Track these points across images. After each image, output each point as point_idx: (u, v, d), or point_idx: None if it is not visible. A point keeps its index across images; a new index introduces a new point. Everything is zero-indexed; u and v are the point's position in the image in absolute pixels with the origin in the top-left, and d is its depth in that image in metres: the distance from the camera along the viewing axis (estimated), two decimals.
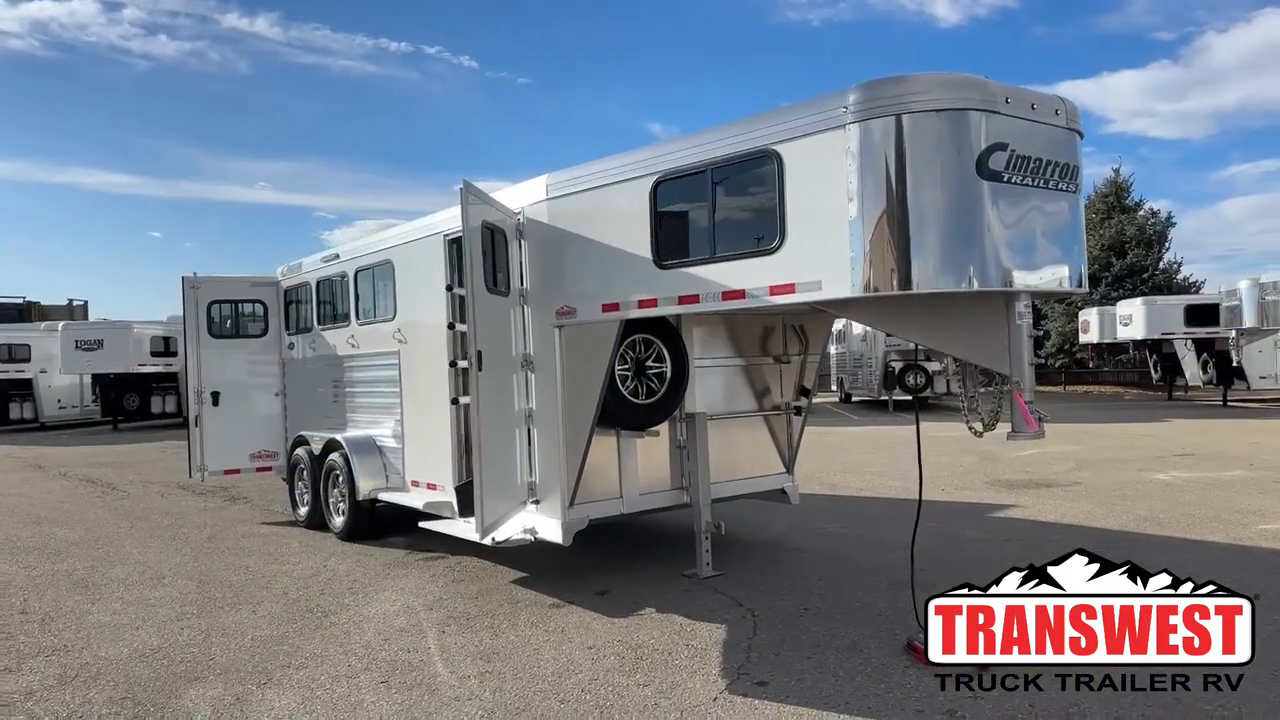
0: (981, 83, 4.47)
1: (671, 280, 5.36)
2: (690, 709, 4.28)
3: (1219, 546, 7.24)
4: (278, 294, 10.56)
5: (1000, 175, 4.44)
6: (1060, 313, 34.04)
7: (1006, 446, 15.09)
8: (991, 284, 4.46)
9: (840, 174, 4.54)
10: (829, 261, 4.58)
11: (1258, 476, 10.87)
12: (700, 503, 6.63)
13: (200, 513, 10.67)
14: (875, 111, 4.45)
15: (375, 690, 4.68)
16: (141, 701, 4.64)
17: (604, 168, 5.85)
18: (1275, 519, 8.18)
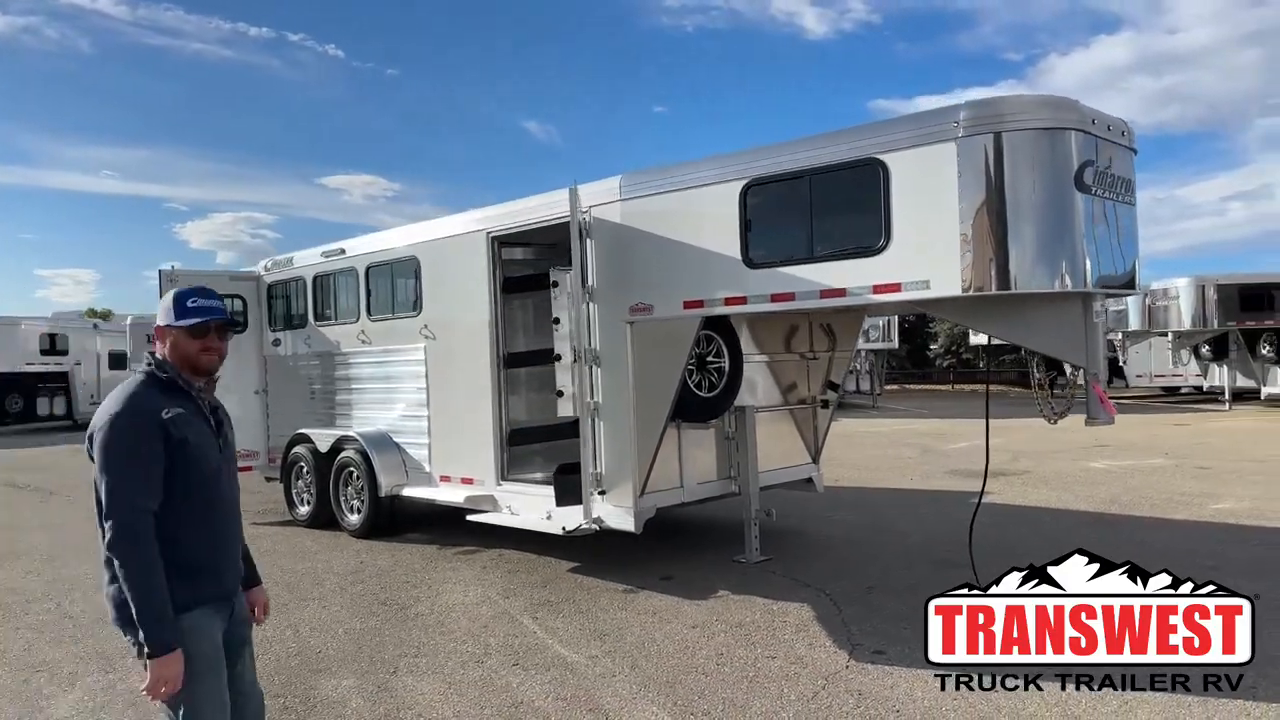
0: (1076, 104, 5.00)
1: (763, 279, 5.69)
2: (830, 677, 4.62)
3: (1190, 524, 8.10)
4: (258, 289, 10.31)
5: (1090, 188, 4.98)
6: None
7: (941, 440, 16.12)
8: (1079, 285, 4.98)
9: (947, 183, 4.97)
10: (937, 263, 5.01)
11: (1180, 464, 12.04)
12: (749, 491, 6.98)
13: None
14: (983, 127, 4.91)
15: (513, 672, 4.82)
16: (279, 694, 4.63)
17: (685, 171, 6.12)
18: (1224, 500, 9.17)
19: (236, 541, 2.81)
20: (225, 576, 2.73)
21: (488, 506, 7.44)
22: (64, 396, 25.79)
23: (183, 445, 2.54)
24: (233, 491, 2.78)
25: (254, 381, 10.35)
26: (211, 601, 2.64)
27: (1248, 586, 5.53)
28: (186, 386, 2.66)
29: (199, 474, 2.59)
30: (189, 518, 2.57)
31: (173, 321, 2.67)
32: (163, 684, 2.46)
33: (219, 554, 2.68)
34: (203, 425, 2.66)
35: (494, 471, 7.42)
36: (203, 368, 2.70)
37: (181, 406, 2.60)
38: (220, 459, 2.70)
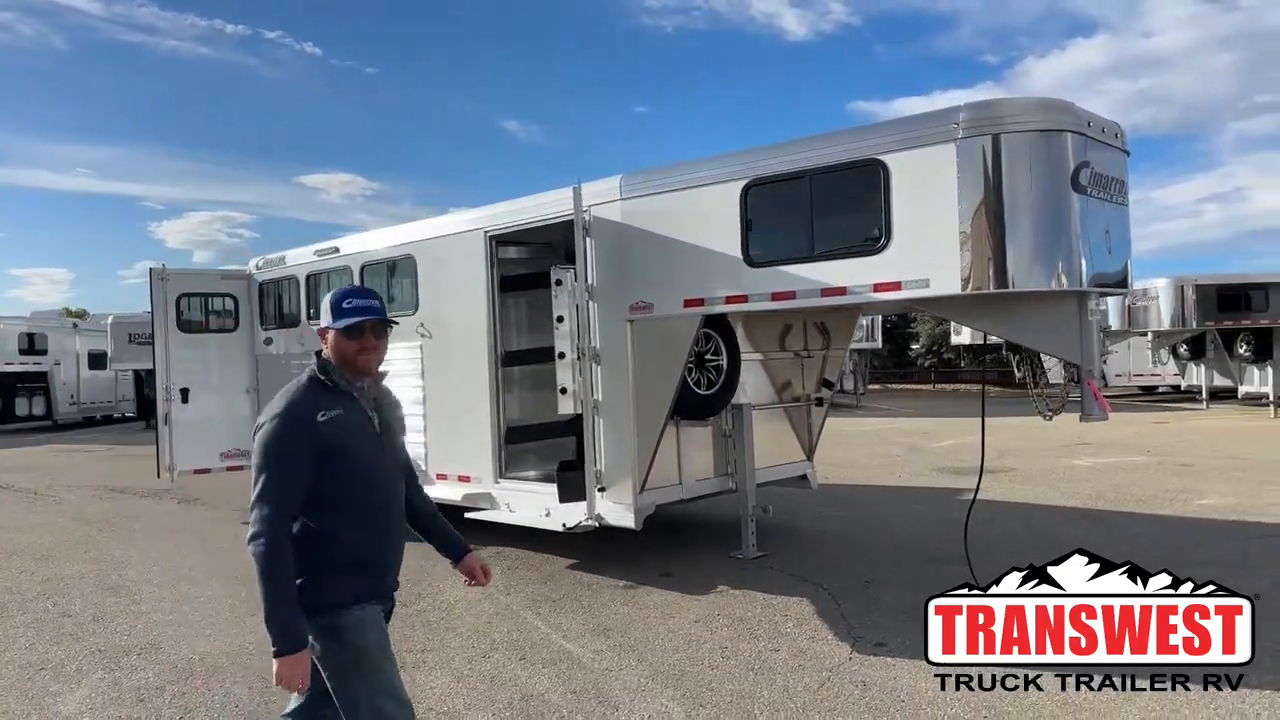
0: (1071, 107, 5.11)
1: (764, 277, 5.76)
2: (834, 668, 4.70)
3: (1177, 520, 8.25)
4: (249, 288, 10.29)
5: (1085, 189, 5.09)
6: (929, 316, 36.33)
7: (926, 438, 16.28)
8: (1074, 284, 5.09)
9: (946, 183, 5.06)
10: (936, 262, 5.10)
11: (1161, 461, 12.24)
12: (746, 488, 7.06)
13: (162, 515, 10.25)
14: (982, 129, 5.01)
15: (520, 666, 4.87)
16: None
17: (686, 171, 6.19)
18: (1207, 495, 9.34)
19: (400, 537, 2.80)
20: (389, 575, 2.76)
21: (485, 504, 7.48)
22: (43, 397, 25.52)
23: (340, 450, 2.57)
24: (395, 486, 2.79)
25: (245, 381, 10.32)
26: (375, 598, 2.67)
27: (1238, 580, 5.66)
28: (348, 387, 2.68)
29: (358, 474, 2.61)
30: (350, 516, 2.61)
31: (330, 323, 2.70)
32: (287, 681, 2.50)
33: (382, 550, 2.71)
34: (363, 424, 2.68)
35: (492, 469, 7.46)
36: (361, 368, 2.71)
37: (341, 407, 2.62)
38: (383, 456, 2.72)
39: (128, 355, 23.96)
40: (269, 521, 2.48)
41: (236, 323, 10.30)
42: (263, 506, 2.49)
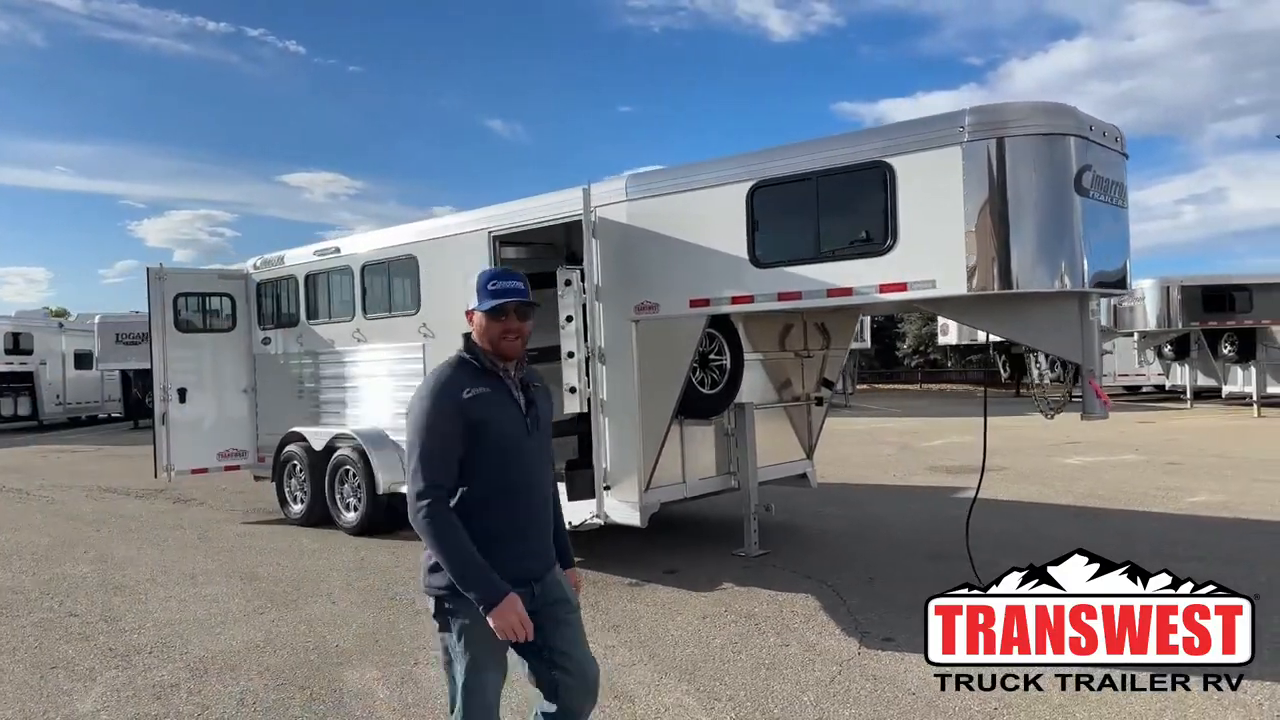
0: (1074, 111, 5.21)
1: (770, 278, 5.83)
2: (844, 663, 4.77)
3: (1169, 517, 8.39)
4: (247, 287, 10.29)
5: (1087, 192, 5.19)
6: (916, 318, 36.58)
7: (916, 437, 16.42)
8: (1077, 285, 5.18)
9: (952, 186, 5.15)
10: (943, 263, 5.18)
11: (1150, 460, 12.40)
12: (749, 486, 7.13)
13: (159, 515, 10.23)
14: (987, 132, 5.09)
15: None
16: (305, 685, 4.69)
17: (692, 173, 6.26)
18: (1198, 493, 9.49)
19: (543, 521, 2.77)
20: (528, 557, 2.70)
21: None
22: (29, 397, 25.36)
23: (482, 425, 2.58)
24: (541, 471, 2.76)
25: (242, 380, 10.32)
26: (511, 581, 2.60)
27: (1237, 576, 5.79)
28: (492, 367, 2.68)
29: (500, 453, 2.62)
30: (490, 496, 2.61)
31: (476, 305, 2.72)
32: (509, 631, 2.53)
33: (521, 532, 2.68)
34: (509, 405, 2.67)
35: None
36: (505, 350, 2.69)
37: (486, 387, 2.63)
38: (527, 439, 2.69)
39: (115, 355, 23.85)
40: (426, 492, 2.54)
41: (234, 322, 10.30)
42: (418, 481, 2.56)
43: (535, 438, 2.72)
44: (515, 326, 2.69)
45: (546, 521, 2.79)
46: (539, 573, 2.73)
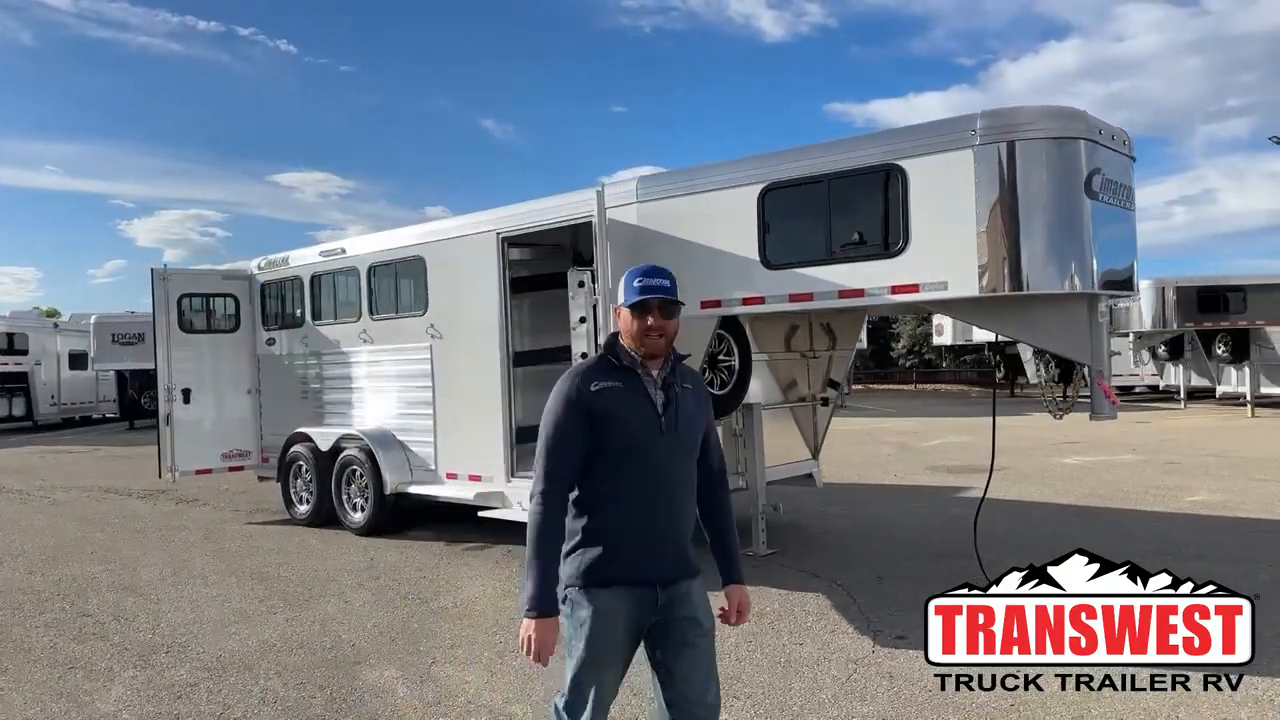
0: (1085, 115, 5.27)
1: (781, 279, 5.88)
2: (859, 661, 4.83)
3: (1171, 516, 8.47)
4: (251, 288, 10.30)
5: (1097, 195, 5.25)
6: (911, 318, 36.72)
7: (915, 438, 16.50)
8: (1087, 286, 5.26)
9: (964, 189, 5.21)
10: (954, 265, 5.24)
11: (1149, 459, 12.50)
12: (757, 486, 7.18)
13: (163, 515, 10.23)
14: (999, 136, 5.16)
15: (552, 661, 4.94)
16: (324, 685, 4.72)
17: (702, 175, 6.31)
18: (1198, 492, 9.58)
19: (676, 526, 2.65)
20: (646, 561, 2.59)
21: (497, 503, 7.54)
22: (24, 397, 25.30)
23: (606, 420, 2.54)
24: (676, 473, 2.63)
25: (246, 381, 10.32)
26: (626, 584, 2.57)
27: (1239, 575, 5.85)
28: (629, 364, 2.63)
29: (625, 451, 2.56)
30: (610, 493, 2.57)
31: (621, 301, 2.67)
32: (526, 645, 2.54)
33: (640, 534, 2.58)
34: (641, 403, 2.59)
35: (504, 468, 7.53)
36: (648, 348, 2.62)
37: (618, 382, 2.59)
38: (659, 438, 2.58)
39: (111, 356, 23.78)
40: (540, 485, 2.55)
41: (238, 323, 10.31)
42: (537, 470, 2.57)
43: (670, 439, 2.60)
44: (658, 324, 2.61)
45: (681, 527, 2.67)
46: (666, 580, 2.63)
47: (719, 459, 2.84)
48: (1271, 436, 15.25)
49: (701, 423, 2.73)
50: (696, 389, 2.75)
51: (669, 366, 2.67)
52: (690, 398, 2.69)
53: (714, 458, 2.81)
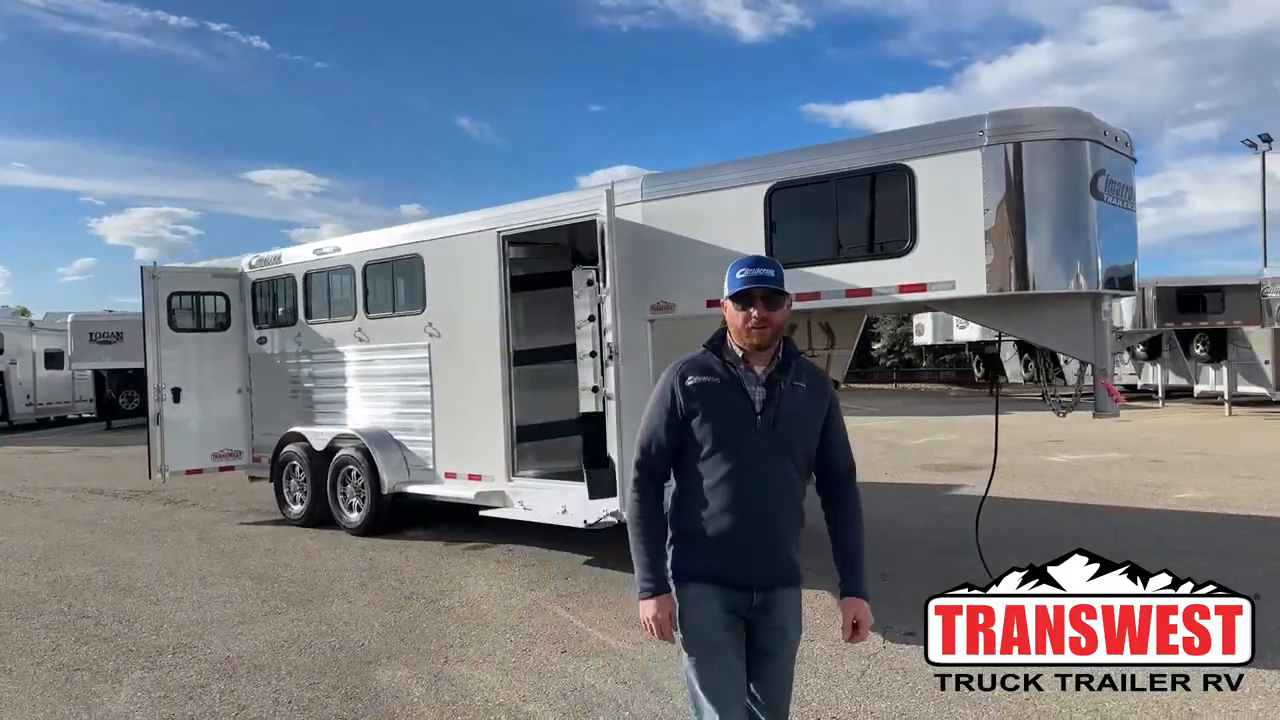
0: (1090, 117, 5.35)
1: (789, 278, 5.85)
2: (871, 657, 4.87)
3: (1162, 513, 8.59)
4: (241, 286, 10.21)
5: (1102, 196, 5.33)
6: (891, 318, 36.97)
7: (901, 436, 16.61)
8: (1092, 286, 5.33)
9: (972, 189, 5.27)
10: (962, 264, 5.30)
11: (1134, 457, 12.67)
12: None
13: (152, 516, 10.11)
14: (1007, 137, 5.22)
15: (564, 659, 4.96)
16: (338, 685, 4.69)
17: (708, 174, 6.34)
18: (1184, 489, 9.72)
19: (761, 526, 2.52)
20: (735, 562, 2.51)
21: (497, 502, 7.52)
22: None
23: (696, 416, 2.50)
24: (768, 473, 2.51)
25: (236, 380, 10.23)
26: (713, 581, 2.52)
27: (1236, 571, 5.93)
28: (732, 359, 2.56)
29: (713, 448, 2.49)
30: (700, 490, 2.51)
31: (725, 294, 2.62)
32: (645, 625, 2.55)
33: (729, 534, 2.49)
34: (736, 400, 2.51)
35: (504, 467, 7.51)
36: (751, 340, 2.54)
37: (715, 377, 2.53)
38: (752, 437, 2.49)
39: (88, 355, 23.47)
40: (634, 473, 2.57)
41: (228, 322, 10.21)
42: (636, 454, 2.58)
43: (766, 438, 2.50)
44: (762, 315, 2.53)
45: (776, 530, 2.56)
46: (757, 584, 2.54)
47: (843, 459, 2.71)
48: (1250, 435, 15.50)
49: (810, 422, 2.59)
50: (813, 387, 2.61)
51: (776, 362, 2.58)
52: (801, 396, 2.56)
53: (837, 458, 2.69)
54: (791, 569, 2.64)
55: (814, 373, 2.67)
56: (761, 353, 2.57)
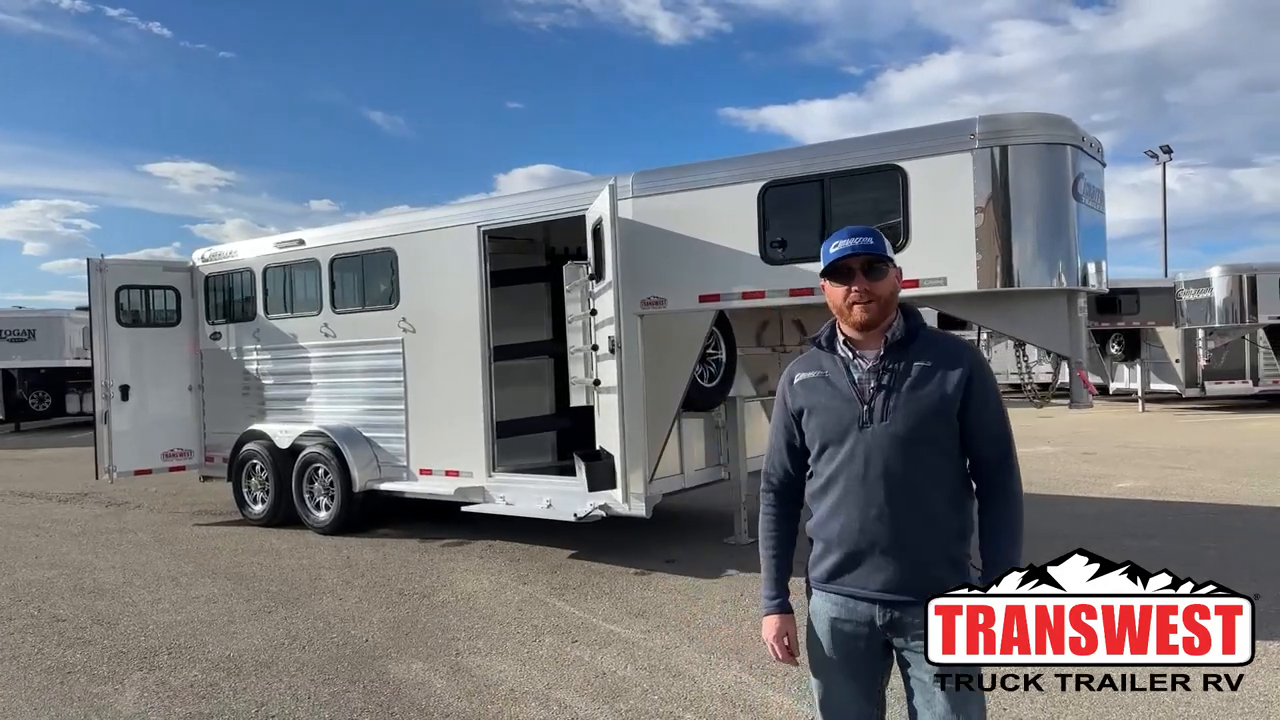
0: (1072, 122, 5.64)
1: (782, 274, 6.08)
2: None
3: (1109, 501, 9.06)
4: (192, 280, 9.91)
5: (1081, 198, 5.63)
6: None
7: None
8: (1072, 283, 5.63)
9: (963, 189, 5.51)
10: (953, 262, 5.54)
11: (1067, 450, 13.28)
12: (739, 477, 7.37)
13: (96, 519, 9.72)
14: (996, 140, 5.47)
15: (577, 649, 5.00)
16: (354, 679, 4.65)
17: (700, 171, 6.45)
18: (1123, 480, 10.26)
19: (880, 530, 2.20)
20: (855, 570, 2.24)
21: (477, 498, 7.50)
22: None
23: (802, 415, 2.31)
24: (886, 470, 2.19)
25: (187, 377, 9.93)
26: (832, 592, 2.30)
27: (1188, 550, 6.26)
28: (841, 346, 2.31)
29: (821, 447, 2.27)
30: (817, 492, 2.30)
31: (821, 270, 2.31)
32: (766, 641, 2.42)
33: (844, 538, 2.24)
34: (840, 391, 2.25)
35: (485, 463, 7.49)
36: (852, 320, 2.25)
37: (820, 370, 2.31)
38: (859, 432, 2.21)
39: None
40: (762, 481, 2.46)
41: (179, 317, 9.90)
42: (765, 462, 2.47)
43: (877, 431, 2.20)
44: (863, 287, 2.22)
45: (903, 534, 2.21)
46: (884, 597, 2.24)
47: (987, 446, 2.27)
48: (1165, 429, 16.37)
49: (936, 406, 2.20)
50: (943, 363, 2.23)
51: (891, 341, 2.26)
52: (924, 376, 2.21)
53: (981, 444, 2.26)
54: (926, 581, 2.23)
55: (946, 347, 2.28)
56: (871, 333, 2.26)
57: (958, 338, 2.37)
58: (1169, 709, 4.05)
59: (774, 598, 2.41)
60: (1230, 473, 10.60)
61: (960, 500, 2.29)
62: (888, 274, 2.27)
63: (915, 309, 2.36)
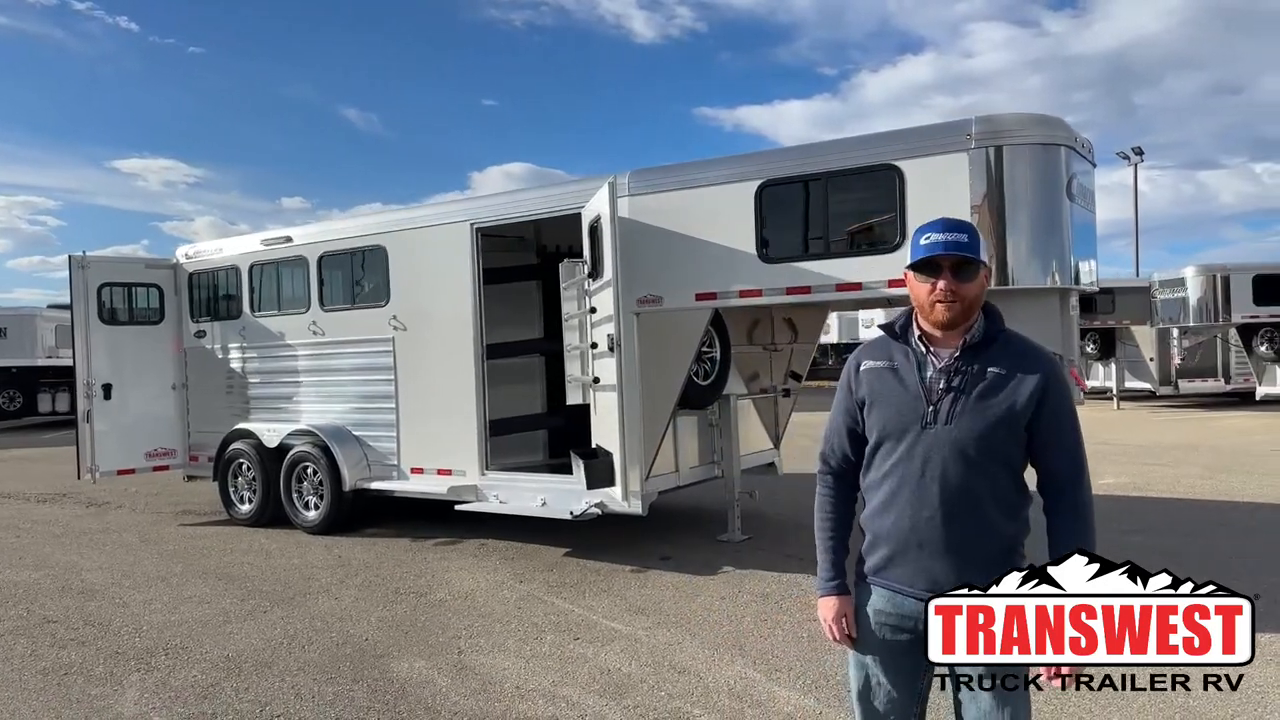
0: (1065, 123, 5.72)
1: (779, 273, 6.11)
2: None
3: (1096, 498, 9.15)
4: (175, 278, 9.80)
5: (1074, 198, 5.71)
6: None
7: None
8: (1066, 282, 5.71)
9: (959, 189, 5.57)
10: None
11: None
12: (732, 475, 7.40)
13: (77, 519, 9.59)
14: (992, 141, 5.53)
15: (579, 646, 5.01)
16: (357, 678, 4.62)
17: (697, 170, 6.47)
18: (1104, 476, 10.39)
19: (932, 532, 2.19)
20: (905, 569, 2.24)
21: (470, 497, 7.47)
22: None
23: (867, 405, 2.27)
24: (946, 472, 2.16)
25: (171, 375, 9.82)
26: (880, 585, 2.30)
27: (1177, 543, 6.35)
28: (900, 338, 2.27)
29: (880, 437, 2.24)
30: (874, 484, 2.28)
31: (908, 262, 2.24)
32: (823, 623, 2.41)
33: (897, 536, 2.23)
34: (909, 384, 2.21)
35: (478, 462, 7.47)
36: (933, 318, 2.18)
37: (890, 361, 2.26)
38: (921, 431, 2.17)
39: None
40: (819, 464, 2.44)
41: (162, 315, 9.78)
42: (822, 443, 2.43)
43: (940, 432, 2.16)
44: (950, 287, 2.14)
45: (956, 538, 2.20)
46: (928, 597, 2.23)
47: (1058, 460, 2.24)
48: (1140, 427, 16.61)
49: (1004, 415, 2.15)
50: (1017, 371, 2.17)
51: (968, 342, 2.19)
52: (996, 383, 2.16)
53: (1053, 457, 2.23)
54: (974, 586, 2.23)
55: (1023, 354, 2.21)
56: (951, 332, 2.20)
57: (1038, 346, 2.28)
58: (1169, 709, 4.11)
59: (832, 579, 2.40)
60: (1209, 469, 10.79)
61: (1015, 510, 2.24)
62: (978, 275, 2.19)
63: (998, 310, 2.28)
